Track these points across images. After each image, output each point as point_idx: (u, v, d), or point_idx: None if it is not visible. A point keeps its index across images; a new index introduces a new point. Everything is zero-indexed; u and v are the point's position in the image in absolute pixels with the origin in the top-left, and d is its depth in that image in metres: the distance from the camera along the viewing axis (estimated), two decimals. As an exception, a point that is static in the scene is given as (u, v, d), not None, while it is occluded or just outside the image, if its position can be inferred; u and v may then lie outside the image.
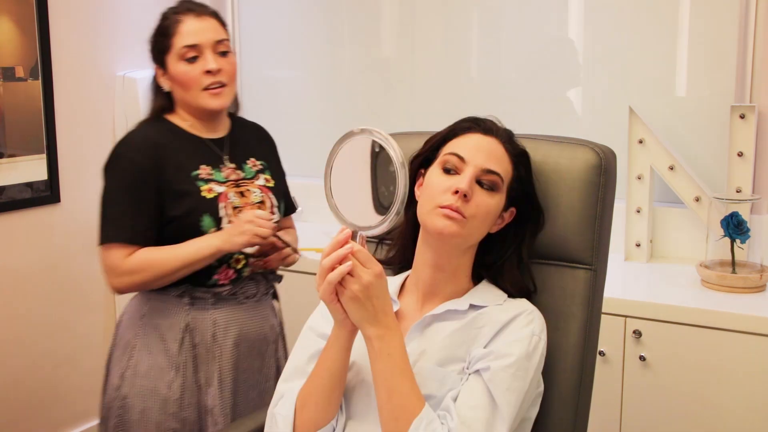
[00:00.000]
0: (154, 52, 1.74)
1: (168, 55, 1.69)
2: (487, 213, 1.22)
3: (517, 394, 1.14)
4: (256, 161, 1.82)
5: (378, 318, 1.12)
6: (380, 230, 1.13)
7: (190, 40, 1.68)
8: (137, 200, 1.64)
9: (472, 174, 1.21)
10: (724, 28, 2.21)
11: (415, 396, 1.13)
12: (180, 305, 1.70)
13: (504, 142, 1.27)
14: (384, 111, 2.87)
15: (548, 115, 2.54)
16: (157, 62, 1.74)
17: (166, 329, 1.70)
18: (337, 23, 2.96)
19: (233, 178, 1.75)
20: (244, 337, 1.75)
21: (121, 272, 1.64)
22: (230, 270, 1.72)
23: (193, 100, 1.70)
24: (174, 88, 1.72)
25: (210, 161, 1.73)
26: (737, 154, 2.13)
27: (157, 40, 1.72)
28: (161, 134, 1.71)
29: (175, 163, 1.68)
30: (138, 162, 1.65)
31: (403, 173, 1.10)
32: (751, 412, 1.79)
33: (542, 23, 2.51)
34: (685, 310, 1.85)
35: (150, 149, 1.67)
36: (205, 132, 1.76)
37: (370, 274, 1.10)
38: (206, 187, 1.69)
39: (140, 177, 1.65)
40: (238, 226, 1.62)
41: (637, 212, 2.26)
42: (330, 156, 1.16)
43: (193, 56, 1.67)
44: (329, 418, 1.21)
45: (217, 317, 1.72)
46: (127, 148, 1.68)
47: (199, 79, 1.68)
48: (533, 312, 1.24)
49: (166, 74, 1.72)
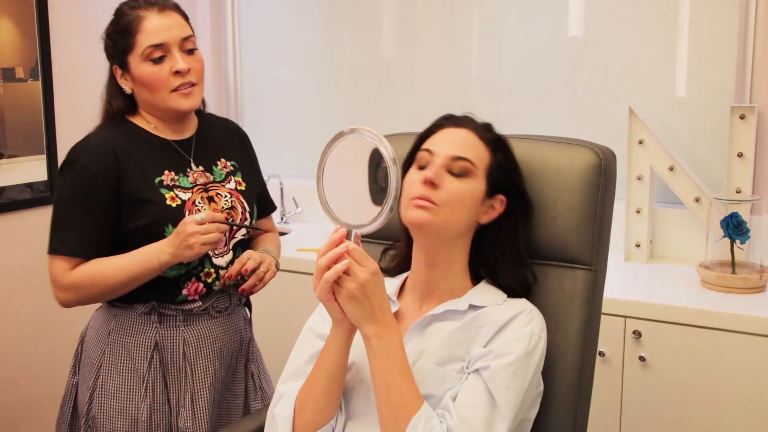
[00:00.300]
0: (112, 51, 1.59)
1: (130, 55, 1.55)
2: (459, 198, 1.22)
3: (516, 393, 1.14)
4: (227, 162, 1.69)
5: (376, 316, 1.13)
6: (374, 227, 1.14)
7: (155, 38, 1.54)
8: (87, 210, 1.53)
9: (439, 163, 1.22)
10: (724, 29, 2.21)
11: (414, 394, 1.13)
12: (148, 323, 1.59)
13: (477, 131, 1.28)
14: (384, 111, 2.87)
15: (548, 116, 2.54)
16: (115, 62, 1.60)
17: (134, 347, 1.59)
18: (337, 23, 2.96)
19: (201, 181, 1.62)
20: (217, 353, 1.65)
21: (64, 287, 1.54)
22: (199, 284, 1.60)
23: (162, 102, 1.57)
24: (138, 89, 1.59)
25: (175, 166, 1.61)
26: (737, 154, 2.13)
27: (116, 39, 1.57)
28: (121, 138, 1.58)
29: (136, 170, 1.56)
30: (92, 169, 1.53)
31: (394, 169, 1.11)
32: (750, 412, 1.79)
33: (542, 23, 2.52)
34: (684, 311, 1.85)
35: (107, 155, 1.54)
36: (171, 133, 1.63)
37: (366, 271, 1.11)
38: (170, 195, 1.57)
39: (94, 185, 1.53)
40: (183, 240, 1.49)
41: (637, 213, 2.26)
42: (321, 157, 1.18)
43: (160, 56, 1.54)
44: (328, 418, 1.21)
45: (188, 335, 1.60)
46: (82, 153, 1.55)
47: (167, 80, 1.55)
48: (533, 311, 1.24)
49: (127, 75, 1.58)
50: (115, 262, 1.53)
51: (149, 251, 1.52)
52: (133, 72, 1.57)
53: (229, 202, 1.64)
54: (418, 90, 2.79)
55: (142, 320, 1.59)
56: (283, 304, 2.41)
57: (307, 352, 1.30)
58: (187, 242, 1.49)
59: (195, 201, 1.59)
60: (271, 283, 1.66)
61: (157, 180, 1.57)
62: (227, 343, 1.67)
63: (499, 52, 2.62)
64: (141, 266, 1.52)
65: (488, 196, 1.26)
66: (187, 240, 1.49)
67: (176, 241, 1.50)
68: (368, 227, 1.14)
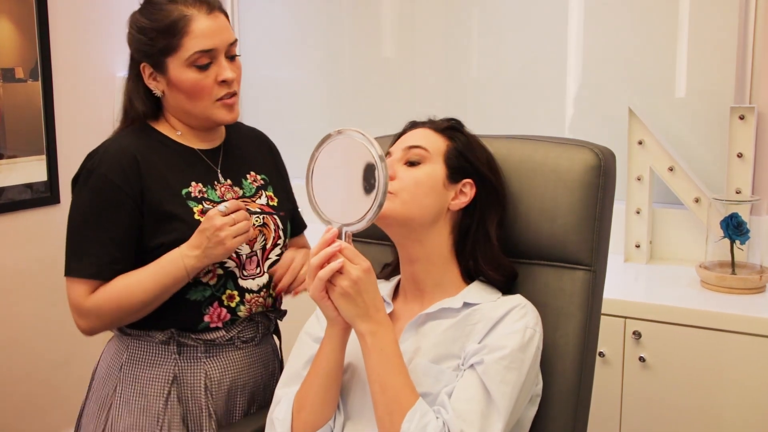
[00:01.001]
0: (146, 49, 1.42)
1: (171, 56, 1.40)
2: (415, 184, 1.24)
3: (512, 387, 1.15)
4: (257, 175, 1.55)
5: (369, 313, 1.14)
6: (364, 225, 1.15)
7: (205, 43, 1.39)
8: (108, 226, 1.38)
9: (393, 158, 1.27)
10: (724, 29, 2.21)
11: (409, 390, 1.14)
12: (165, 353, 1.44)
13: (434, 126, 1.32)
14: (384, 111, 2.87)
15: (548, 116, 2.54)
16: (147, 60, 1.43)
17: (149, 382, 1.44)
18: (337, 24, 2.96)
19: (229, 197, 1.48)
20: (242, 389, 1.50)
21: (85, 312, 1.40)
22: (222, 310, 1.45)
23: (202, 112, 1.43)
24: (173, 94, 1.44)
25: (203, 177, 1.47)
26: (737, 155, 2.12)
27: (154, 37, 1.40)
28: (143, 145, 1.44)
29: (160, 180, 1.42)
30: (113, 179, 1.39)
31: (382, 166, 1.12)
32: (750, 413, 1.79)
33: (542, 24, 2.51)
34: (684, 312, 1.85)
35: (129, 163, 1.40)
36: (198, 142, 1.50)
37: (359, 269, 1.12)
38: (199, 208, 1.43)
39: (115, 198, 1.38)
40: (211, 237, 1.35)
41: (637, 213, 2.26)
42: (310, 161, 1.20)
43: (207, 63, 1.40)
44: (326, 419, 1.22)
45: (210, 368, 1.45)
46: (100, 162, 1.40)
47: (212, 89, 1.41)
48: (526, 306, 1.24)
49: (160, 76, 1.43)
50: (139, 278, 1.38)
51: (171, 260, 1.37)
52: (171, 75, 1.41)
53: (260, 219, 1.50)
54: (418, 90, 2.79)
55: (159, 351, 1.44)
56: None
57: (304, 356, 1.31)
58: (218, 237, 1.35)
59: None
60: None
61: (184, 192, 1.43)
62: (254, 378, 1.52)
63: (498, 53, 2.62)
64: (166, 277, 1.37)
65: (453, 181, 1.27)
66: (216, 235, 1.35)
67: (201, 239, 1.36)
68: (359, 225, 1.15)
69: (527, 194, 1.35)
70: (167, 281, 1.37)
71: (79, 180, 1.43)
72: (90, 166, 1.42)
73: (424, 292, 1.29)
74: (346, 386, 1.26)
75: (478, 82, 2.68)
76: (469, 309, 1.24)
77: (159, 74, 1.43)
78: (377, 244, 1.49)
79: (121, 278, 1.39)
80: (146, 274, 1.38)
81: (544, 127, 2.53)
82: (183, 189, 1.43)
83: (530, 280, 1.35)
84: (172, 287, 1.38)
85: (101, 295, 1.38)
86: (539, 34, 2.52)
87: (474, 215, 1.29)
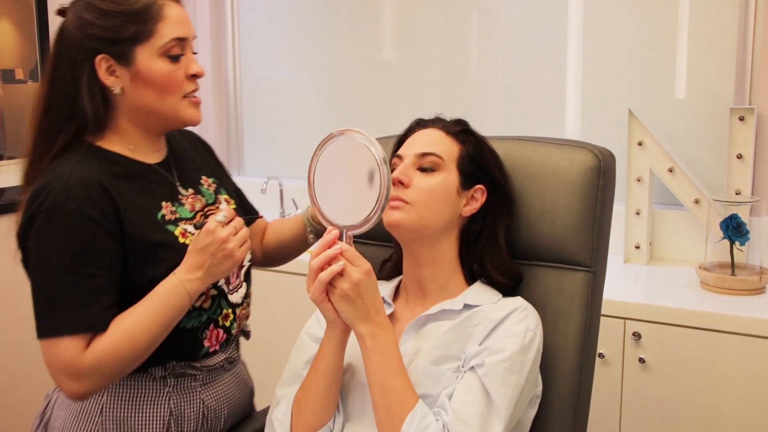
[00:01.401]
0: (113, 38, 1.22)
1: (143, 45, 1.22)
2: (430, 193, 1.23)
3: (512, 389, 1.15)
4: (208, 179, 1.41)
5: (369, 316, 1.13)
6: (366, 228, 1.15)
7: (180, 31, 1.24)
8: (93, 271, 1.17)
9: (406, 163, 1.25)
10: (724, 31, 2.22)
11: (409, 392, 1.14)
12: (160, 388, 1.28)
13: (445, 128, 1.30)
14: (383, 113, 2.87)
15: (547, 117, 2.54)
16: (111, 51, 1.22)
17: (142, 424, 1.26)
18: (336, 25, 2.96)
19: (199, 206, 1.34)
20: (233, 412, 1.40)
21: (82, 373, 1.16)
22: (219, 331, 1.33)
23: (171, 109, 1.27)
24: (137, 91, 1.24)
25: (168, 195, 1.30)
26: (736, 156, 2.13)
27: (124, 24, 1.22)
28: (103, 170, 1.22)
29: (135, 209, 1.23)
30: (89, 215, 1.17)
31: (385, 170, 1.11)
32: (750, 414, 1.79)
33: (542, 25, 2.52)
34: (684, 313, 1.85)
35: (100, 195, 1.19)
36: (150, 156, 1.32)
37: (360, 272, 1.12)
38: (179, 231, 1.27)
39: (94, 237, 1.18)
40: (216, 253, 1.22)
41: (637, 214, 2.26)
42: (312, 160, 1.19)
43: (179, 54, 1.25)
44: (325, 420, 1.21)
45: (206, 397, 1.33)
46: (66, 198, 1.17)
47: (182, 83, 1.26)
48: (527, 308, 1.24)
49: (124, 70, 1.23)
50: (139, 318, 1.19)
51: (170, 289, 1.21)
52: (139, 67, 1.23)
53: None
54: (417, 92, 2.79)
55: (152, 386, 1.28)
56: (281, 306, 2.41)
57: (304, 356, 1.31)
58: (225, 250, 1.22)
59: None
60: (270, 284, 1.62)
61: (160, 216, 1.27)
62: (239, 398, 1.42)
63: (498, 54, 2.62)
64: (169, 311, 1.20)
65: (465, 188, 1.28)
66: (223, 248, 1.22)
67: (203, 257, 1.22)
68: (361, 228, 1.15)
69: (527, 195, 1.35)
70: (172, 314, 1.21)
71: (36, 223, 1.18)
72: (50, 204, 1.18)
73: (427, 294, 1.29)
74: (346, 387, 1.25)
75: (477, 83, 2.68)
76: (470, 311, 1.24)
77: (121, 67, 1.23)
78: (378, 246, 1.49)
79: (117, 324, 1.19)
80: (146, 312, 1.20)
81: (543, 128, 2.53)
82: (158, 213, 1.27)
83: (530, 281, 1.35)
84: (176, 319, 1.22)
85: (101, 348, 1.17)
86: (539, 36, 2.52)
87: (485, 220, 1.30)
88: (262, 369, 2.03)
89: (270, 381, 1.82)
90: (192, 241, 1.24)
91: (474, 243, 1.30)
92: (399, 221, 1.22)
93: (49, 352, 1.17)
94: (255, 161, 3.26)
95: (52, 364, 1.18)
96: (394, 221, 1.23)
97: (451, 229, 1.28)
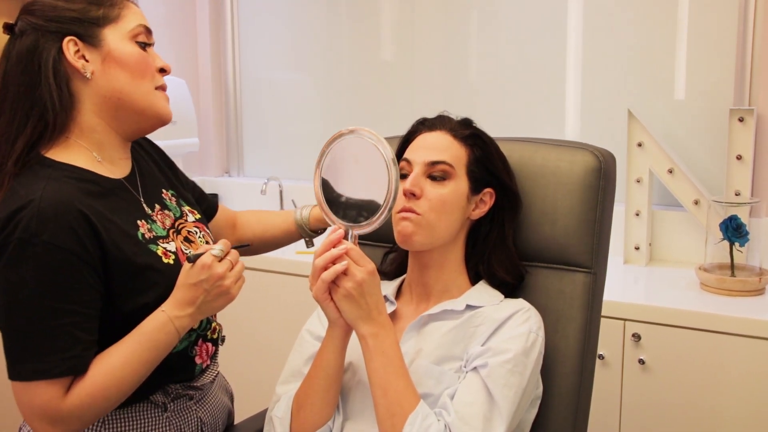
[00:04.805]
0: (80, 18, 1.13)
1: (110, 27, 1.15)
2: (442, 203, 1.23)
3: (515, 390, 1.15)
4: (168, 192, 1.31)
5: (372, 316, 1.13)
6: (372, 228, 1.15)
7: (144, 20, 1.19)
8: (71, 308, 1.06)
9: (416, 173, 1.24)
10: (723, 32, 2.22)
11: (411, 392, 1.14)
12: (160, 415, 1.21)
13: (450, 130, 1.29)
14: (383, 114, 2.87)
15: (547, 118, 2.54)
16: (79, 32, 1.13)
17: None
18: (336, 26, 2.96)
19: (169, 224, 1.24)
20: (224, 419, 1.37)
21: (64, 417, 1.07)
22: (208, 344, 1.27)
23: (145, 97, 1.16)
24: (111, 73, 1.14)
25: (141, 212, 1.20)
26: (736, 157, 2.13)
27: (89, 7, 1.15)
28: (74, 189, 1.10)
29: (117, 230, 1.12)
30: (62, 246, 1.05)
31: (393, 170, 1.11)
32: (750, 415, 1.79)
33: (541, 26, 2.52)
34: (684, 314, 1.85)
35: (77, 221, 1.07)
36: (117, 166, 1.20)
37: (364, 271, 1.12)
38: (161, 250, 1.18)
39: (70, 269, 1.06)
40: (211, 290, 1.12)
41: (636, 215, 2.26)
42: (320, 157, 1.18)
43: (146, 43, 1.18)
44: (326, 419, 1.21)
45: (203, 414, 1.29)
46: (38, 227, 1.04)
47: (154, 72, 1.19)
48: (530, 310, 1.24)
49: (95, 52, 1.14)
50: (125, 358, 1.10)
51: (158, 327, 1.11)
52: (110, 47, 1.14)
53: (202, 237, 1.29)
54: (417, 93, 2.79)
55: (153, 416, 1.21)
56: (281, 306, 2.41)
57: (305, 354, 1.31)
58: (220, 288, 1.13)
59: (181, 249, 1.22)
60: (270, 285, 1.61)
61: (140, 235, 1.16)
62: (226, 404, 1.39)
63: (497, 55, 2.62)
64: (157, 349, 1.11)
65: (474, 192, 1.27)
66: (218, 285, 1.12)
67: (196, 293, 1.12)
68: (366, 228, 1.14)
69: (527, 196, 1.35)
70: (160, 353, 1.12)
71: (4, 255, 1.04)
72: (20, 234, 1.04)
73: (430, 294, 1.29)
74: (346, 386, 1.26)
75: (477, 84, 2.68)
76: (472, 311, 1.25)
77: (90, 48, 1.14)
78: (382, 248, 1.49)
79: (99, 364, 1.09)
80: (130, 350, 1.10)
81: (543, 128, 2.53)
82: (137, 233, 1.16)
83: (530, 282, 1.35)
84: (162, 357, 1.13)
85: (82, 392, 1.07)
86: (539, 36, 2.52)
87: (493, 222, 1.30)
88: (261, 369, 2.04)
89: (270, 380, 1.82)
90: (183, 274, 1.13)
91: (482, 245, 1.30)
92: (412, 233, 1.22)
93: (23, 394, 1.07)
94: (255, 162, 3.26)
95: (26, 407, 1.08)
96: (408, 233, 1.23)
97: (459, 233, 1.28)
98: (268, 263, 2.33)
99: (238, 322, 1.85)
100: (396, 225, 1.24)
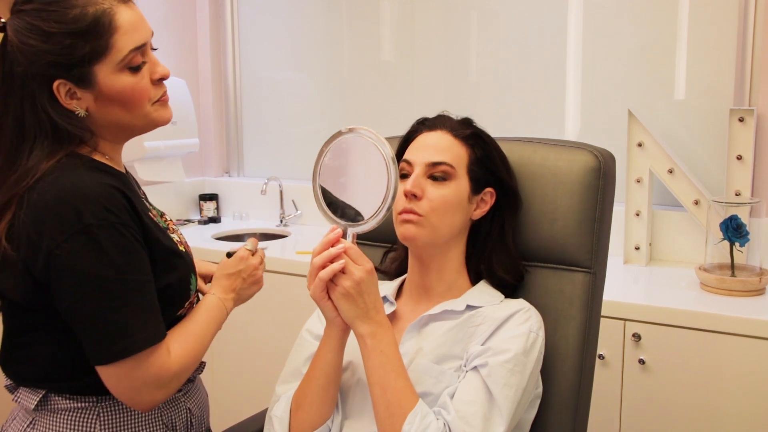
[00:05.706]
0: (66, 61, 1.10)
1: (100, 63, 1.11)
2: (443, 204, 1.23)
3: (515, 390, 1.15)
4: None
5: (370, 315, 1.13)
6: (371, 227, 1.14)
7: (137, 39, 1.13)
8: (148, 275, 1.14)
9: (417, 173, 1.24)
10: (723, 32, 2.22)
11: (410, 391, 1.14)
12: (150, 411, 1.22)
13: (451, 130, 1.28)
14: (383, 114, 2.87)
15: (547, 118, 2.54)
16: (68, 76, 1.11)
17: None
18: (336, 26, 2.96)
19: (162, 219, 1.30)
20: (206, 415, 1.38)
21: (172, 376, 1.15)
22: None
23: (142, 119, 1.18)
24: (105, 110, 1.15)
25: (147, 203, 1.28)
26: (736, 157, 2.13)
27: (75, 43, 1.09)
28: (103, 174, 1.15)
29: (145, 214, 1.19)
30: (128, 224, 1.11)
31: (392, 169, 1.11)
32: (750, 415, 1.79)
33: (542, 26, 2.52)
34: (684, 314, 1.85)
35: (123, 201, 1.13)
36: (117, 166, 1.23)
37: (362, 270, 1.12)
38: (176, 239, 1.26)
39: (137, 241, 1.13)
40: (248, 279, 1.30)
41: (636, 215, 2.26)
42: (318, 156, 1.18)
43: (141, 63, 1.15)
44: (324, 418, 1.21)
45: (191, 405, 1.31)
46: (103, 209, 1.08)
47: (149, 91, 1.17)
48: (530, 310, 1.24)
49: (86, 92, 1.13)
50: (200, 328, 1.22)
51: (215, 306, 1.26)
52: (102, 86, 1.12)
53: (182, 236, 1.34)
54: (417, 92, 2.80)
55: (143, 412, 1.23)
56: (282, 306, 2.41)
57: (304, 353, 1.31)
58: (255, 277, 1.32)
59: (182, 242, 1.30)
60: (270, 285, 1.61)
61: (161, 222, 1.25)
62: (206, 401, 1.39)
63: (497, 55, 2.62)
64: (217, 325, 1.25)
65: (475, 192, 1.28)
66: (254, 275, 1.31)
67: (235, 282, 1.29)
68: (365, 226, 1.15)
69: (527, 196, 1.35)
70: (216, 327, 1.26)
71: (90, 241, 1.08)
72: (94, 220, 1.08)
73: (431, 294, 1.29)
74: (345, 385, 1.26)
75: (477, 84, 2.68)
76: (472, 311, 1.25)
77: (82, 89, 1.12)
78: (381, 247, 1.49)
79: (180, 331, 1.20)
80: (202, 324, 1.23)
81: (543, 128, 2.53)
82: (157, 220, 1.24)
83: (530, 282, 1.35)
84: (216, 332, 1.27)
85: (181, 351, 1.17)
86: (539, 36, 2.53)
87: (493, 221, 1.30)
88: (261, 369, 2.04)
89: (270, 380, 1.82)
90: (221, 266, 1.31)
91: (482, 244, 1.30)
92: (415, 235, 1.22)
93: (134, 370, 1.10)
94: (255, 162, 3.26)
95: (138, 380, 1.11)
96: (409, 235, 1.23)
97: (460, 233, 1.28)
98: (268, 263, 2.32)
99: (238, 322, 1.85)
100: (398, 227, 1.24)
